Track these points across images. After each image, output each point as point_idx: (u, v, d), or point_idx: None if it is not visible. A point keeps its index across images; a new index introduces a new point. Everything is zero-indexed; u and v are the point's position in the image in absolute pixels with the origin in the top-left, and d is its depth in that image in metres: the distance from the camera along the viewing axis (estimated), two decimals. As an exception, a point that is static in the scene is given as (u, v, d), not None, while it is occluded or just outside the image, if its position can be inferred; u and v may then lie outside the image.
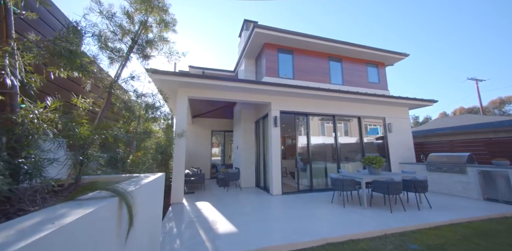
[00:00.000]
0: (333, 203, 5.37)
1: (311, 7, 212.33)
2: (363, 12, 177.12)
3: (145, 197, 1.99)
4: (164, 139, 5.10)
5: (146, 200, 2.02)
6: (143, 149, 3.43)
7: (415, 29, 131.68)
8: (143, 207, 1.91)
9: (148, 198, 2.13)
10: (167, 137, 5.99)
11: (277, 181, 6.56)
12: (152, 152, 4.86)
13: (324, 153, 7.77)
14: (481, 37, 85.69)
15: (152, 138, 3.70)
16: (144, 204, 1.95)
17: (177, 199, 5.64)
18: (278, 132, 6.87)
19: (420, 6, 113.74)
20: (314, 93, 6.86)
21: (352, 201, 5.49)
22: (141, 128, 3.33)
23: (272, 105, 6.95)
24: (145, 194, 1.97)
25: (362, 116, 8.07)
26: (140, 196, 1.84)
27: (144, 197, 1.96)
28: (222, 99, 6.60)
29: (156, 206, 2.53)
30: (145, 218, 2.02)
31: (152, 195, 2.31)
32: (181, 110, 6.04)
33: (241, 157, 8.34)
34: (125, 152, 2.95)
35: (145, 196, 1.99)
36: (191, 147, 11.40)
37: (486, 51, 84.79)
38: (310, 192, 6.86)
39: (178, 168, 5.75)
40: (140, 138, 3.19)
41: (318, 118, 7.80)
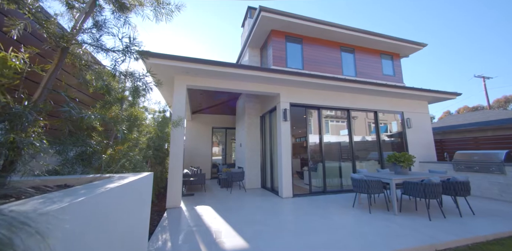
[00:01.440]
0: (354, 207, 4.63)
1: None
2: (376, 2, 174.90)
3: (112, 210, 1.25)
4: (155, 130, 4.34)
5: (114, 215, 1.27)
6: (128, 141, 2.68)
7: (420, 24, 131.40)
8: (108, 226, 1.17)
9: (121, 210, 1.38)
10: (163, 132, 5.26)
11: (288, 182, 5.82)
12: (143, 147, 4.12)
13: (335, 151, 7.04)
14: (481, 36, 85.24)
15: (141, 127, 2.94)
16: (110, 221, 1.20)
17: (174, 202, 4.89)
18: (288, 127, 6.12)
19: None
20: (327, 83, 6.11)
21: (376, 205, 4.76)
22: (124, 114, 2.57)
23: (281, 97, 6.20)
24: (111, 206, 1.22)
25: (379, 111, 7.33)
26: (101, 210, 1.09)
27: (111, 210, 1.22)
28: (225, 89, 5.85)
29: (138, 218, 1.78)
30: (115, 239, 1.27)
31: (130, 203, 1.57)
32: (179, 101, 5.29)
33: (245, 155, 7.59)
34: (98, 143, 2.20)
35: (112, 209, 1.25)
36: (190, 145, 10.65)
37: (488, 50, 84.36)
38: (323, 194, 6.12)
39: (175, 166, 5.00)
40: (123, 124, 2.43)
41: (323, 116, 7.05)
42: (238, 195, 6.22)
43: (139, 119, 2.54)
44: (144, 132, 4.22)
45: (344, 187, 6.63)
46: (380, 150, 7.13)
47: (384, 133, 7.59)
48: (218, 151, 17.50)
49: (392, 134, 7.66)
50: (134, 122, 2.50)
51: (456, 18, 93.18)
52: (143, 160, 3.94)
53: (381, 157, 7.10)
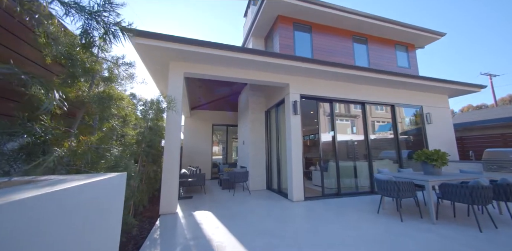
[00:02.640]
0: (380, 214, 3.96)
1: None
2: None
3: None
4: (138, 120, 3.66)
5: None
6: (100, 130, 1.99)
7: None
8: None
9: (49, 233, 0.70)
10: (157, 126, 4.57)
11: (299, 184, 5.14)
12: (131, 142, 3.43)
13: (348, 149, 6.37)
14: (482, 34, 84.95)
15: (120, 111, 2.26)
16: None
17: (169, 207, 4.21)
18: (298, 121, 5.44)
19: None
20: (342, 72, 5.43)
21: (404, 211, 4.08)
22: (96, 91, 1.88)
23: (290, 88, 5.52)
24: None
25: (397, 104, 6.66)
26: None
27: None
28: (228, 78, 5.17)
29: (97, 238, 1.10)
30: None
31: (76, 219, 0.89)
32: (175, 92, 4.60)
33: (249, 153, 6.91)
34: (49, 131, 1.51)
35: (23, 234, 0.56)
36: (189, 143, 9.97)
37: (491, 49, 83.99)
38: (338, 197, 5.45)
39: (171, 165, 4.32)
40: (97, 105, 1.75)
41: (327, 114, 6.37)
42: (242, 198, 5.54)
43: (115, 100, 1.87)
44: (132, 124, 3.54)
45: (360, 188, 5.96)
46: (398, 148, 6.46)
47: (389, 132, 6.90)
48: (218, 150, 16.86)
49: (408, 130, 6.98)
50: (108, 105, 1.82)
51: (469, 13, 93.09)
52: (130, 158, 3.26)
53: (399, 155, 6.43)
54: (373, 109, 6.59)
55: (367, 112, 6.35)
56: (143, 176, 4.88)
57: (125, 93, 2.87)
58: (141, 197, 4.13)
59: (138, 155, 4.03)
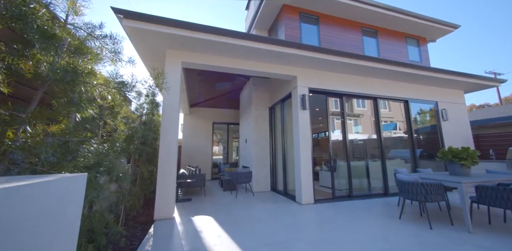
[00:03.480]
0: (402, 219, 3.51)
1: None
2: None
3: None
4: (133, 114, 3.22)
5: None
6: (63, 115, 1.54)
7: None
8: None
9: None
10: (152, 122, 4.13)
11: (308, 185, 4.69)
12: (119, 137, 2.98)
13: (357, 148, 5.92)
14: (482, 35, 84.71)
15: (92, 90, 1.80)
16: None
17: (165, 212, 3.75)
18: (307, 116, 4.99)
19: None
20: (355, 63, 4.99)
21: (426, 215, 3.63)
22: (63, 63, 1.41)
23: (298, 81, 5.07)
24: None
25: (411, 100, 6.21)
26: None
27: None
28: (230, 70, 4.72)
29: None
30: None
31: None
32: (172, 83, 4.15)
33: (252, 152, 6.46)
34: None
35: None
36: (188, 142, 9.52)
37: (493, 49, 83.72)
38: (349, 199, 5.00)
39: (167, 165, 3.87)
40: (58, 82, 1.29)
41: (333, 113, 5.93)
42: (246, 201, 5.08)
43: (82, 74, 1.40)
44: (121, 117, 3.08)
45: (372, 190, 5.51)
46: (412, 147, 6.01)
47: (393, 130, 6.44)
48: (218, 150, 16.43)
49: (419, 128, 6.52)
50: (72, 79, 1.34)
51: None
52: (119, 155, 2.81)
53: (414, 154, 5.98)
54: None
55: (377, 109, 5.89)
56: (137, 176, 4.43)
57: (112, 80, 2.42)
58: (134, 201, 3.67)
59: (130, 153, 3.57)
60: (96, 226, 2.20)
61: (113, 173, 2.47)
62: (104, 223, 2.34)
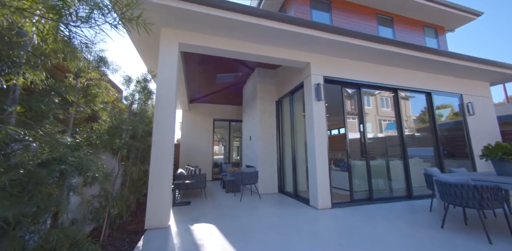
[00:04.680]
0: (445, 229, 2.90)
1: None
2: None
3: None
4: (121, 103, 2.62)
5: None
6: None
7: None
8: None
9: None
10: (143, 112, 3.51)
11: (325, 188, 4.08)
12: (101, 129, 2.38)
13: (375, 146, 5.31)
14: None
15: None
16: None
17: (158, 220, 3.14)
18: (322, 109, 4.39)
19: None
20: (377, 48, 4.39)
21: (474, 225, 3.02)
22: None
23: (312, 69, 4.46)
24: None
25: (434, 92, 5.60)
26: None
27: None
28: (235, 54, 4.11)
29: None
30: None
31: None
32: (168, 68, 3.54)
33: (257, 150, 5.86)
34: None
35: None
36: (187, 140, 8.92)
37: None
38: (370, 203, 4.40)
39: (162, 164, 3.26)
40: None
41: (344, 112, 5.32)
42: (252, 204, 4.48)
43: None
44: (100, 102, 2.46)
45: (394, 192, 4.91)
46: (437, 144, 5.40)
47: (395, 130, 5.82)
48: (218, 149, 15.81)
49: (440, 124, 5.90)
50: None
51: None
52: (97, 150, 2.20)
53: (438, 153, 5.37)
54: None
55: (398, 102, 5.28)
56: (128, 177, 3.82)
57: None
58: (121, 206, 3.06)
59: (116, 149, 2.96)
60: (58, 246, 1.59)
61: (85, 172, 1.87)
62: (70, 241, 1.73)
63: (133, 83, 3.39)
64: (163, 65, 3.50)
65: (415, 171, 4.99)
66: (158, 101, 3.39)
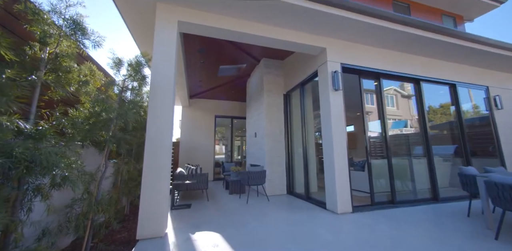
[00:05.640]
0: (501, 241, 2.39)
1: None
2: None
3: None
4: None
5: None
6: None
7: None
8: None
9: None
10: (137, 102, 3.02)
11: (344, 191, 3.58)
12: (75, 113, 1.88)
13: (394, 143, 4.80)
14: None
15: None
16: None
17: (153, 229, 2.63)
18: (340, 100, 3.89)
19: None
20: (404, 31, 3.89)
21: None
22: None
23: (328, 54, 3.96)
24: None
25: (459, 84, 5.10)
26: None
27: None
28: (241, 35, 3.61)
29: None
30: None
31: None
32: (165, 52, 3.04)
33: (264, 148, 5.36)
34: None
35: None
36: (187, 137, 8.42)
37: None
38: (393, 206, 3.90)
39: (158, 160, 2.76)
40: None
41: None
42: (261, 208, 3.97)
43: None
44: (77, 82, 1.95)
45: (418, 194, 4.40)
46: (463, 141, 4.90)
47: (404, 128, 5.29)
48: (218, 149, 15.29)
49: (446, 121, 5.37)
50: None
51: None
52: (70, 142, 1.70)
53: (465, 151, 4.88)
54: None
55: (421, 94, 4.77)
56: (119, 177, 3.32)
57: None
58: (108, 211, 2.55)
59: (103, 144, 2.45)
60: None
61: (49, 170, 1.36)
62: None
63: (124, 67, 2.88)
64: (159, 46, 3.00)
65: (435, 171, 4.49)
66: (154, 88, 2.88)
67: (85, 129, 1.96)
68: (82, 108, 2.02)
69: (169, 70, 2.99)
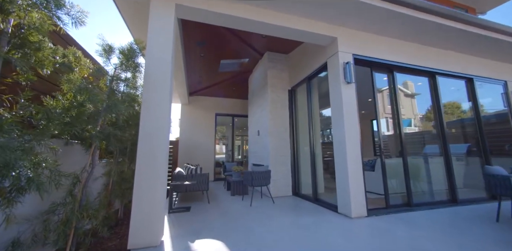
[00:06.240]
0: (546, 250, 2.09)
1: None
2: None
3: None
4: None
5: None
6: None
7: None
8: None
9: None
10: (130, 95, 2.72)
11: (359, 193, 3.27)
12: (52, 103, 1.56)
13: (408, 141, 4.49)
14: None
15: None
16: None
17: (148, 236, 2.32)
18: (353, 93, 3.58)
19: None
20: (422, 18, 3.58)
21: None
22: None
23: (339, 45, 3.65)
24: None
25: (476, 78, 4.79)
26: None
27: None
28: (244, 22, 3.29)
29: None
30: None
31: None
32: (160, 39, 2.73)
33: (268, 146, 5.05)
34: None
35: None
36: (186, 136, 8.11)
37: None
38: (409, 209, 3.59)
39: (152, 160, 2.45)
40: None
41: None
42: (266, 211, 3.66)
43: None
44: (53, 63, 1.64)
45: (436, 196, 4.10)
46: (482, 139, 4.60)
47: (408, 127, 4.96)
48: (219, 148, 14.99)
49: (465, 118, 5.04)
50: None
51: None
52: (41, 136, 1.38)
53: (484, 150, 4.57)
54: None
55: (436, 89, 4.46)
56: (111, 178, 3.01)
57: None
58: (97, 217, 2.23)
59: (89, 140, 2.14)
60: None
61: (6, 171, 1.05)
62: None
63: (115, 54, 2.57)
64: (155, 32, 2.68)
65: (437, 170, 4.19)
66: (148, 77, 2.57)
67: (64, 121, 1.64)
68: (61, 97, 1.70)
69: (165, 58, 2.67)
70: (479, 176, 4.54)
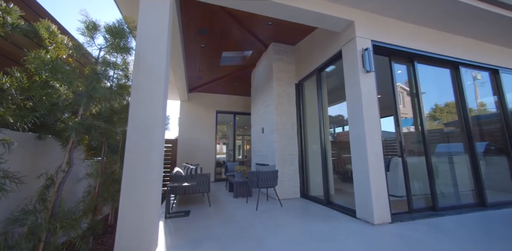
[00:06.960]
0: None
1: None
2: None
3: None
4: None
5: None
6: None
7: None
8: None
9: None
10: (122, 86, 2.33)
11: (381, 196, 2.88)
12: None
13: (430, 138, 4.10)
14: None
15: None
16: None
17: (138, 249, 1.92)
18: (373, 84, 3.18)
19: None
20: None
21: None
22: None
23: (357, 29, 3.25)
24: None
25: (502, 70, 4.40)
26: None
27: None
28: (255, 2, 2.90)
29: None
30: None
31: None
32: (152, 20, 2.34)
33: (273, 145, 4.65)
34: None
35: None
36: (186, 135, 7.71)
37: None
38: (435, 214, 3.19)
39: (145, 153, 2.06)
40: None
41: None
42: (275, 216, 3.26)
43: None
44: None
45: (462, 199, 3.70)
46: (509, 137, 4.20)
47: (412, 126, 4.57)
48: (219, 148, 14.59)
49: (486, 115, 4.63)
50: None
51: None
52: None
53: (510, 147, 4.17)
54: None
55: (461, 82, 4.07)
56: (98, 179, 2.62)
57: None
58: (75, 227, 1.83)
59: (65, 134, 1.74)
60: None
61: None
62: None
63: (100, 33, 2.18)
64: (148, 5, 2.29)
65: (461, 171, 3.80)
66: (140, 60, 2.17)
67: (24, 105, 1.25)
68: (18, 73, 1.31)
69: (161, 39, 2.28)
70: (503, 176, 4.16)
